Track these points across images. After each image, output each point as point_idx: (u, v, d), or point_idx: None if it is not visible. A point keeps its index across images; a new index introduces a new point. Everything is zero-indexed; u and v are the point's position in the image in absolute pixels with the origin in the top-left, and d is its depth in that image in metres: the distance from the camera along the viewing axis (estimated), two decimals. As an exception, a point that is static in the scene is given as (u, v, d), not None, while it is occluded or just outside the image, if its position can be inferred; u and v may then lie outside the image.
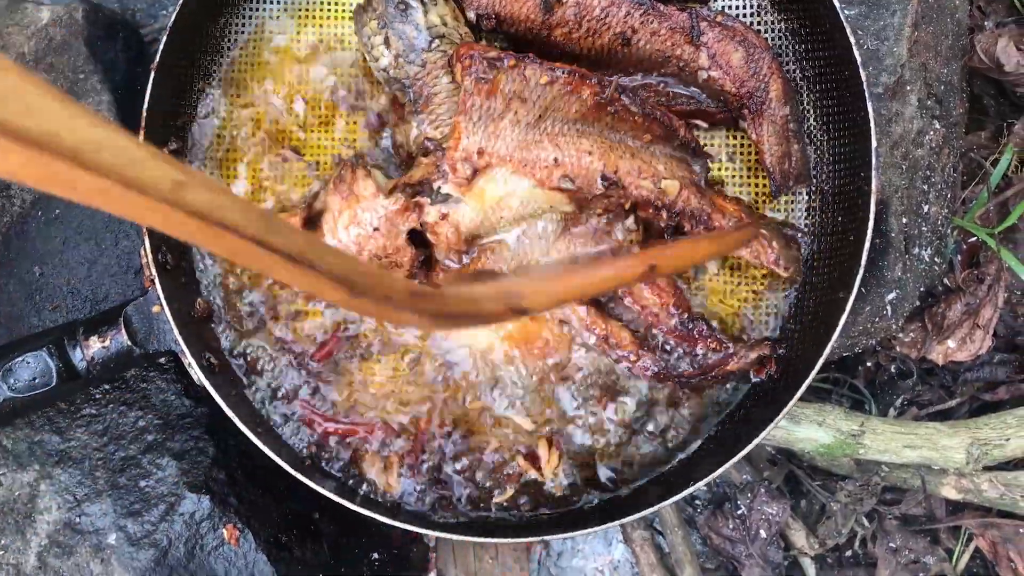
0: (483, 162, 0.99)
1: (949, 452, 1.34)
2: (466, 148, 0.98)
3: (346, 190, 1.02)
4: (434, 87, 1.02)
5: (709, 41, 1.07)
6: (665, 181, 1.03)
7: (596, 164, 1.01)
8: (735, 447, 1.03)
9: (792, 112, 1.09)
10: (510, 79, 0.98)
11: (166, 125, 1.11)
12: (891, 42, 1.19)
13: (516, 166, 1.00)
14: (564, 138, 1.00)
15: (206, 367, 1.05)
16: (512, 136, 0.99)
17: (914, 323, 1.47)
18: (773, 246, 1.07)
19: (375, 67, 1.07)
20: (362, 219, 1.01)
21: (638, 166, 1.03)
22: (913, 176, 1.26)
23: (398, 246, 1.01)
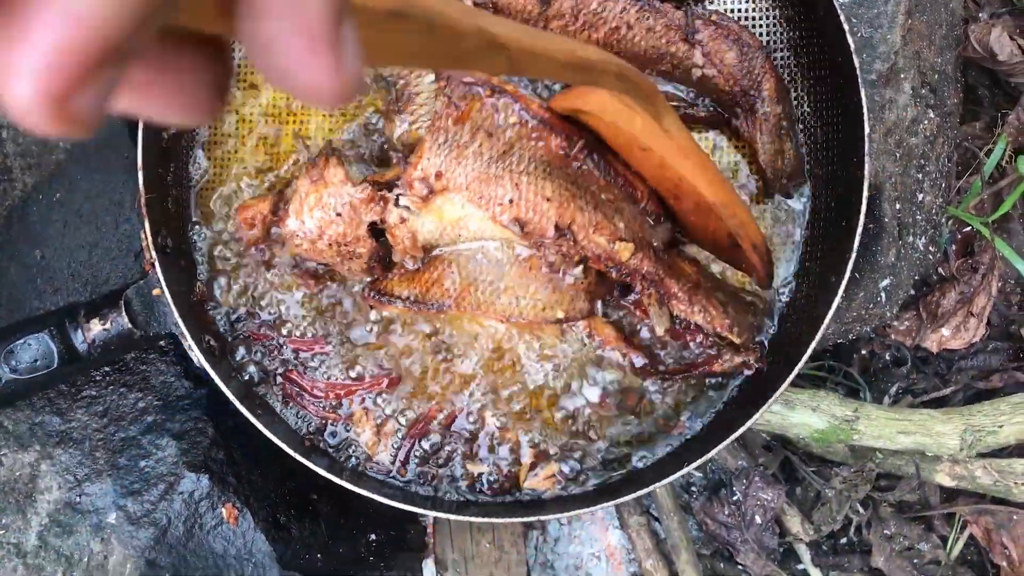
0: (440, 185, 1.00)
1: (943, 438, 1.35)
2: (425, 169, 0.99)
3: (316, 175, 1.03)
4: (416, 87, 1.03)
5: (703, 39, 1.08)
6: (620, 243, 1.01)
7: (551, 212, 1.00)
8: (728, 430, 1.04)
9: (785, 111, 1.10)
10: (481, 110, 0.99)
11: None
12: (884, 30, 1.20)
13: (471, 197, 1.00)
14: (526, 178, 1.00)
15: (206, 349, 1.07)
16: (473, 167, 0.99)
17: (909, 311, 1.48)
18: (728, 311, 1.05)
19: None
20: (327, 203, 1.02)
21: (596, 220, 1.01)
22: (907, 165, 1.27)
23: (358, 235, 1.03)
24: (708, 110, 1.13)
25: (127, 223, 1.13)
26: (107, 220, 1.13)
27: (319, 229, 1.03)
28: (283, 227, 1.04)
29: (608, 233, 1.01)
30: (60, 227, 1.11)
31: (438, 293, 1.06)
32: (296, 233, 1.03)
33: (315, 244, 1.04)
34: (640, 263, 1.02)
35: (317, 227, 1.03)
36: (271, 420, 1.07)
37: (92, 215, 1.12)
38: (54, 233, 1.11)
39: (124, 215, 1.13)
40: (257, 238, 1.10)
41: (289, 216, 1.04)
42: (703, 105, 1.13)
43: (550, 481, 1.08)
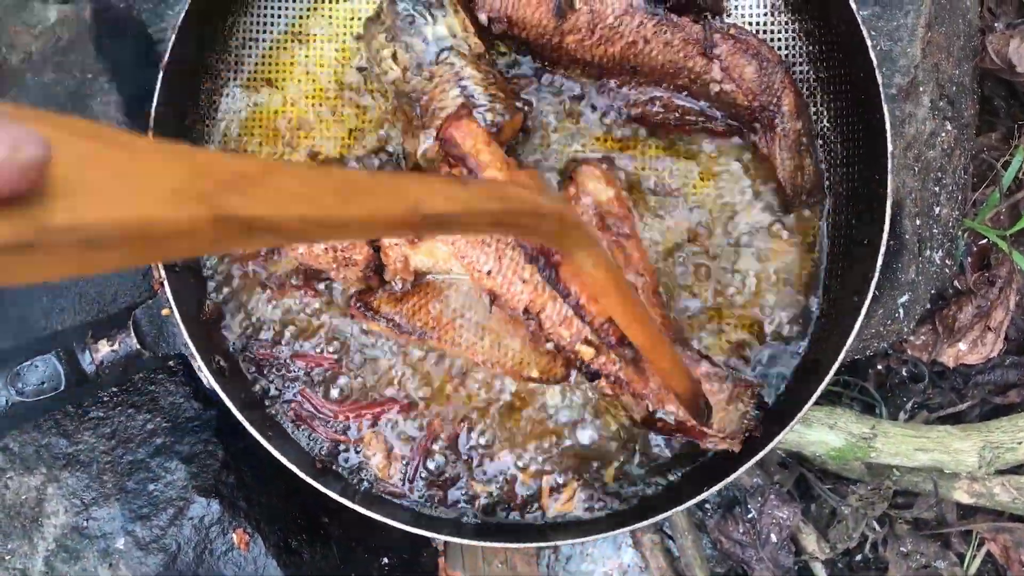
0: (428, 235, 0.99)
1: (961, 456, 1.33)
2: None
3: None
4: (441, 101, 1.01)
5: (722, 53, 1.06)
6: (582, 345, 0.99)
7: (524, 295, 0.99)
8: (747, 454, 1.02)
9: (804, 126, 1.08)
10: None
11: (175, 125, 1.10)
12: (904, 43, 1.18)
13: (455, 252, 1.00)
14: (510, 252, 0.99)
15: (216, 370, 1.05)
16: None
17: (925, 325, 1.46)
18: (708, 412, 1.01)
19: (384, 80, 1.06)
20: None
21: (566, 316, 0.99)
22: (925, 178, 1.25)
23: (355, 242, 1.01)
24: (726, 125, 1.11)
25: (135, 241, 1.11)
26: (115, 238, 1.11)
27: None
28: None
29: (574, 331, 0.99)
30: (67, 245, 1.09)
31: (422, 320, 1.04)
32: None
33: (311, 249, 1.03)
34: (603, 366, 1.00)
35: None
36: (282, 442, 1.05)
37: (99, 233, 1.10)
38: (61, 251, 1.09)
39: (132, 233, 1.11)
40: (255, 254, 1.08)
41: None
42: (721, 120, 1.11)
43: (569, 505, 1.06)
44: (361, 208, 0.47)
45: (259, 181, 0.42)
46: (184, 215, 0.37)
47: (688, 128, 1.11)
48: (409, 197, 0.50)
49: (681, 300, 1.10)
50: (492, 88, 1.02)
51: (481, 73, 1.02)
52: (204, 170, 0.39)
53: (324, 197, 0.45)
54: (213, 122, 1.13)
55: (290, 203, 0.43)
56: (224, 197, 0.39)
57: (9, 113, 0.33)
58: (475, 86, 1.01)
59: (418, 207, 0.50)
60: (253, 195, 0.41)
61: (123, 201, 0.35)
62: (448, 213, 0.54)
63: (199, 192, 0.38)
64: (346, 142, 1.13)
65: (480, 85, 1.01)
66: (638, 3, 1.06)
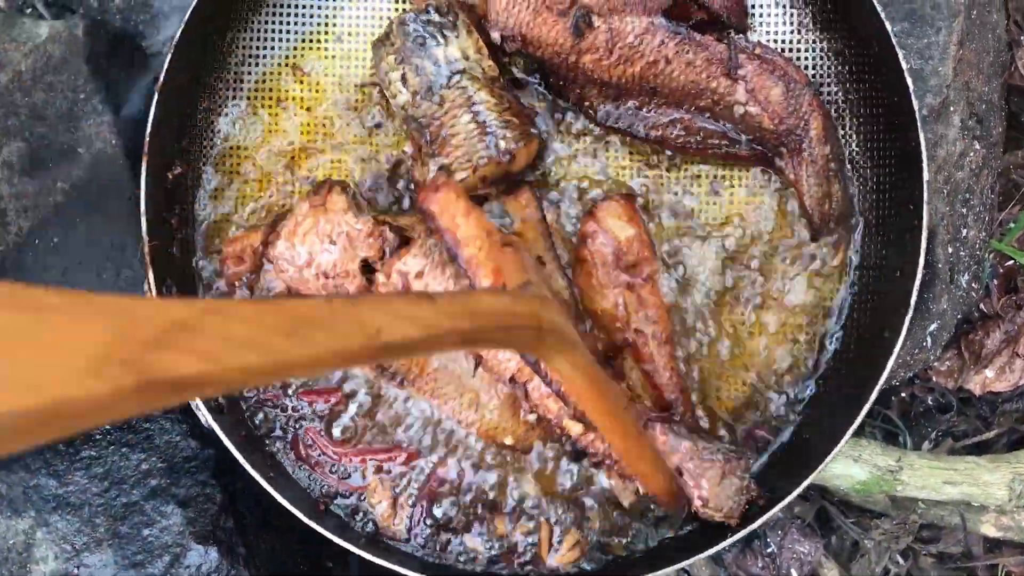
0: (417, 285, 0.94)
1: (991, 488, 1.29)
2: (408, 265, 0.93)
3: (318, 200, 0.97)
4: (452, 127, 0.96)
5: (747, 74, 1.01)
6: (569, 421, 0.94)
7: (511, 364, 0.94)
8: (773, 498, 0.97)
9: (833, 151, 1.03)
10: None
11: (171, 147, 1.05)
12: (936, 61, 1.13)
13: None
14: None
15: (214, 407, 0.99)
16: (453, 283, 0.93)
17: (950, 350, 1.41)
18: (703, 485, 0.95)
19: (393, 104, 1.01)
20: (323, 229, 0.95)
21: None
22: (953, 200, 1.20)
23: (348, 270, 0.96)
24: (750, 149, 1.06)
25: (129, 269, 1.06)
26: (108, 266, 1.05)
27: (310, 256, 0.96)
28: (270, 250, 0.97)
29: (563, 405, 0.94)
30: (58, 275, 1.04)
31: (404, 366, 0.99)
32: (283, 257, 0.96)
33: (301, 272, 0.97)
34: (591, 443, 0.95)
35: (308, 253, 0.96)
36: (284, 483, 1.00)
37: (92, 261, 1.05)
38: (52, 281, 1.04)
39: (126, 261, 1.06)
40: (245, 272, 1.02)
41: (280, 239, 0.97)
42: (745, 144, 1.06)
43: (573, 553, 1.00)
44: (314, 347, 0.43)
45: (196, 328, 0.38)
46: (105, 387, 0.33)
47: (710, 152, 1.06)
48: (369, 326, 0.47)
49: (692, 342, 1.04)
50: (506, 114, 0.97)
51: (495, 98, 0.97)
52: (130, 327, 0.35)
53: (272, 339, 0.41)
54: (211, 143, 1.08)
55: (232, 352, 0.39)
56: (153, 357, 0.35)
57: None
58: (488, 112, 0.96)
59: (379, 336, 0.47)
60: (188, 348, 0.37)
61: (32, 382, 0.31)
62: (412, 339, 0.50)
63: (123, 356, 0.34)
64: (350, 165, 1.07)
65: (493, 111, 0.96)
66: (659, 21, 1.01)
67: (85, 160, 1.05)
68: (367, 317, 0.47)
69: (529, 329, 0.63)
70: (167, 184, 1.03)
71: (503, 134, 0.95)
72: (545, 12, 1.00)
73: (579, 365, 0.71)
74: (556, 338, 0.67)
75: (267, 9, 1.10)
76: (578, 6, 0.99)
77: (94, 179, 1.05)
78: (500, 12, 1.01)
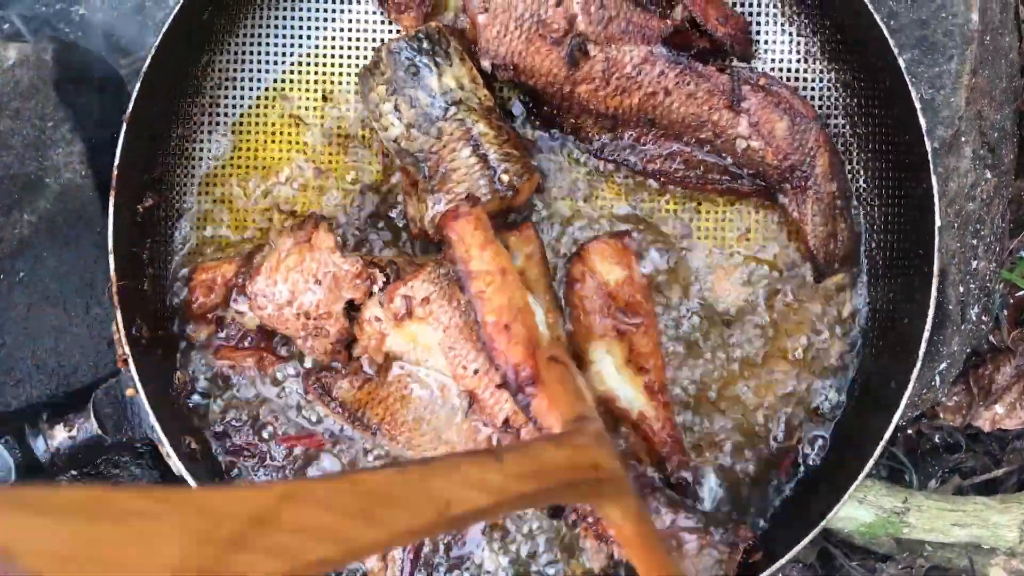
0: (421, 312, 0.90)
1: (1001, 530, 1.24)
2: (415, 289, 0.89)
3: (303, 236, 0.92)
4: (452, 161, 0.90)
5: (751, 107, 0.95)
6: None
7: (507, 406, 0.89)
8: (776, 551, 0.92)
9: (840, 188, 0.97)
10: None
11: (142, 178, 0.99)
12: (947, 91, 1.08)
13: (442, 343, 0.90)
14: None
15: (187, 454, 0.94)
16: (462, 314, 0.89)
17: (958, 385, 1.36)
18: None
19: (384, 137, 0.95)
20: (307, 267, 0.91)
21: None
22: (964, 232, 1.15)
23: (332, 311, 0.91)
24: (752, 185, 1.01)
25: (99, 306, 1.01)
26: (77, 303, 1.00)
27: (291, 294, 0.91)
28: (249, 285, 0.92)
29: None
30: (24, 311, 0.99)
31: (379, 416, 0.94)
32: (262, 293, 0.91)
33: (281, 311, 0.92)
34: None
35: (289, 292, 0.91)
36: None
37: (60, 297, 1.00)
38: (17, 318, 0.99)
39: (96, 297, 1.01)
40: (213, 306, 0.97)
41: (260, 275, 0.91)
42: (747, 179, 1.01)
43: None
44: (388, 528, 0.44)
45: (272, 522, 0.38)
46: None
47: (711, 187, 1.01)
48: (439, 500, 0.47)
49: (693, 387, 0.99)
50: (506, 146, 0.92)
51: (493, 130, 0.92)
52: (208, 527, 0.35)
53: (346, 526, 0.42)
54: (185, 172, 1.03)
55: (308, 547, 0.39)
56: (233, 562, 0.36)
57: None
58: (488, 144, 0.91)
59: (448, 509, 0.47)
60: (265, 547, 0.37)
61: None
62: (481, 509, 0.51)
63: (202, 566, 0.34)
64: (334, 196, 1.02)
65: (494, 143, 0.91)
66: (659, 50, 0.96)
67: (53, 191, 1.00)
68: (437, 490, 0.48)
69: (590, 482, 0.65)
70: (138, 217, 0.98)
71: (505, 167, 0.90)
72: (539, 40, 0.94)
73: (630, 514, 0.72)
74: (613, 487, 0.69)
75: (244, 31, 1.04)
76: (573, 34, 0.94)
77: (62, 211, 1.00)
78: (491, 40, 0.95)
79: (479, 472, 0.52)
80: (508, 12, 0.94)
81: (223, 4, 1.02)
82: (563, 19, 0.93)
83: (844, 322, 1.00)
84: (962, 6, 1.10)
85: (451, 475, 0.50)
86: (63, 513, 0.32)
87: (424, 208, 0.92)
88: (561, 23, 0.93)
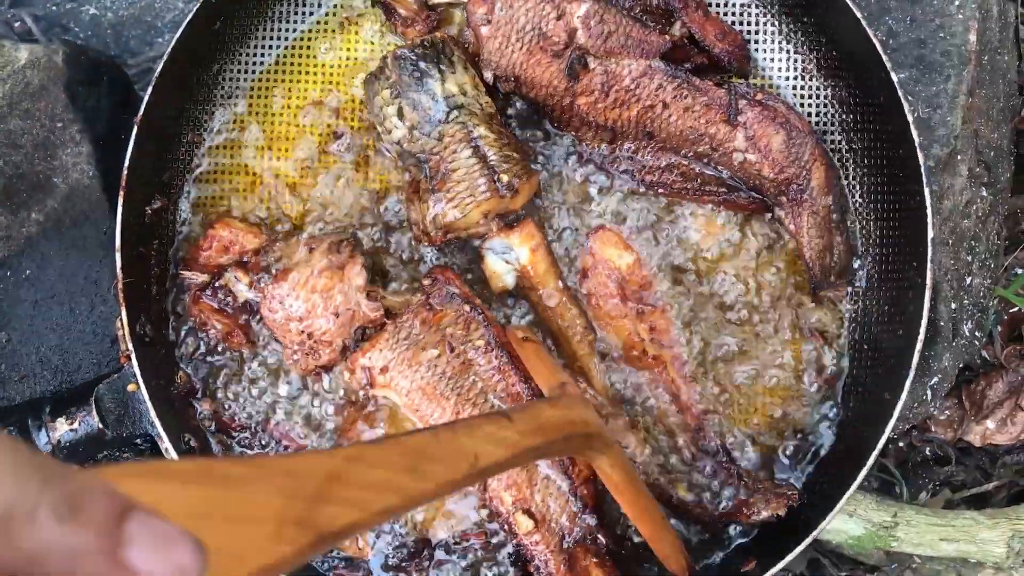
0: (382, 380, 0.93)
1: (989, 546, 1.25)
2: (372, 359, 0.93)
3: (338, 262, 0.94)
4: (452, 162, 0.92)
5: (748, 121, 0.97)
6: (522, 514, 0.91)
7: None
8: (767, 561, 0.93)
9: (836, 202, 0.99)
10: (456, 321, 0.93)
11: (151, 181, 1.01)
12: (944, 110, 1.09)
13: (408, 404, 0.94)
14: (469, 409, 0.92)
15: (186, 451, 0.96)
16: (423, 376, 0.93)
17: (950, 399, 1.37)
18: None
19: (387, 140, 0.97)
20: (332, 297, 0.93)
21: (515, 480, 0.92)
22: (958, 249, 1.17)
23: (335, 344, 0.95)
24: (749, 198, 1.02)
25: (104, 305, 1.02)
26: (82, 301, 1.02)
27: (307, 313, 0.93)
28: (272, 287, 0.94)
29: (518, 497, 0.92)
30: (29, 308, 1.01)
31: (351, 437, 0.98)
32: (280, 300, 0.93)
33: (288, 323, 0.94)
34: (535, 544, 0.92)
35: (306, 311, 0.93)
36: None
37: (65, 295, 1.01)
38: (23, 315, 1.00)
39: (101, 296, 1.02)
40: (218, 264, 0.98)
41: (286, 282, 0.93)
42: (744, 192, 1.02)
43: None
44: (432, 479, 0.51)
45: (343, 479, 0.45)
46: (291, 549, 0.40)
47: (708, 198, 1.03)
48: (468, 454, 0.55)
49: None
50: (506, 149, 0.94)
51: (494, 133, 0.94)
52: (295, 485, 0.42)
53: (402, 479, 0.49)
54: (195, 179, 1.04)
55: (377, 497, 0.47)
56: (320, 513, 0.42)
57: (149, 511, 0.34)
58: (488, 146, 0.92)
59: (477, 462, 0.55)
60: (342, 499, 0.44)
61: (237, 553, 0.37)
62: (501, 461, 0.59)
63: (296, 517, 0.41)
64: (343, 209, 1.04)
65: (494, 146, 0.93)
66: (657, 64, 0.97)
67: (61, 191, 1.02)
68: (465, 446, 0.56)
69: (582, 435, 0.74)
70: (145, 219, 1.00)
71: (505, 168, 0.92)
72: (539, 53, 0.96)
73: (616, 463, 0.81)
74: (600, 442, 0.78)
75: (255, 41, 1.06)
76: (573, 47, 0.96)
77: (70, 211, 1.02)
78: (493, 52, 0.97)
79: (496, 429, 0.60)
80: (510, 24, 0.96)
81: (233, 15, 1.04)
82: (563, 32, 0.95)
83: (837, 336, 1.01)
84: (960, 27, 1.12)
85: (474, 433, 0.58)
86: (183, 481, 0.37)
87: (426, 208, 0.94)
88: (561, 36, 0.95)
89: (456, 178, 0.92)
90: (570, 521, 0.91)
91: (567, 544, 0.91)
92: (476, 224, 0.95)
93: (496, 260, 0.97)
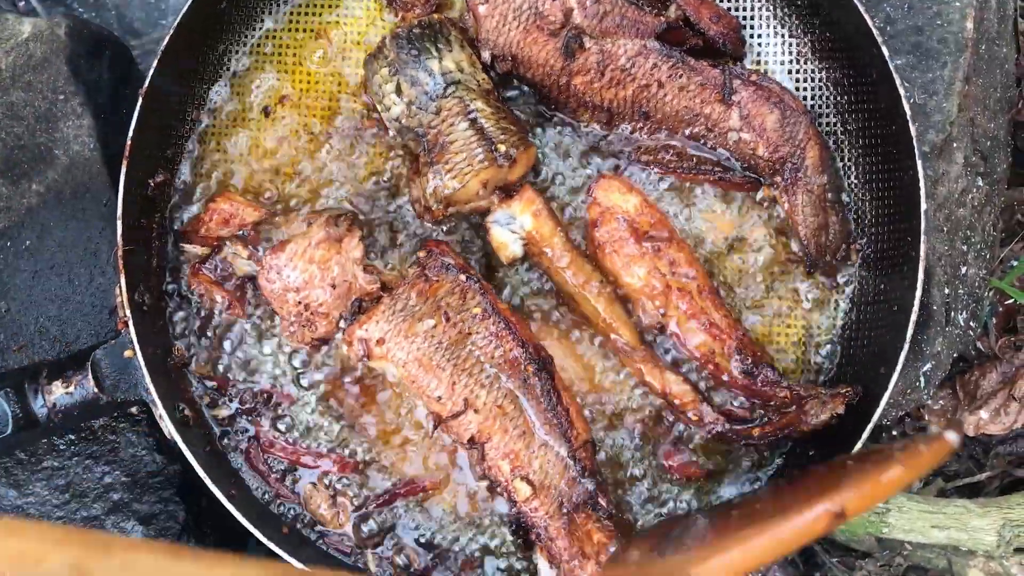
0: (378, 352, 0.94)
1: (979, 534, 1.25)
2: (369, 331, 0.94)
3: (336, 234, 0.95)
4: (450, 135, 0.93)
5: (742, 100, 0.98)
6: (520, 481, 0.92)
7: (473, 425, 0.94)
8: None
9: (830, 181, 1.00)
10: (451, 292, 0.94)
11: (154, 155, 1.02)
12: (940, 96, 1.10)
13: (405, 375, 0.95)
14: (464, 379, 0.94)
15: (180, 419, 0.97)
16: (419, 347, 0.94)
17: (944, 389, 1.38)
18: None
19: (387, 117, 0.98)
20: (329, 268, 0.95)
21: (512, 448, 0.93)
22: (954, 238, 1.17)
23: (331, 315, 0.96)
24: (744, 178, 1.03)
25: (103, 276, 1.03)
26: (81, 272, 1.03)
27: (304, 284, 0.95)
28: (270, 257, 0.95)
29: (516, 464, 0.93)
30: (29, 278, 1.02)
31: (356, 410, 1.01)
32: (278, 271, 0.95)
33: (285, 293, 0.95)
34: (534, 511, 0.93)
35: (303, 281, 0.95)
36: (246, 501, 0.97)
37: (65, 266, 1.02)
38: (22, 284, 1.01)
39: (100, 268, 1.03)
40: (218, 237, 1.00)
41: (284, 252, 0.95)
42: (739, 171, 1.03)
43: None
44: None
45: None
46: None
47: (703, 177, 1.03)
48: None
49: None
50: (503, 122, 0.95)
51: (491, 107, 0.95)
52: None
53: None
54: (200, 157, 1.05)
55: None
56: None
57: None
58: (485, 119, 0.94)
59: None
60: None
61: None
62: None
63: None
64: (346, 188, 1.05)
65: (491, 119, 0.94)
66: (653, 44, 0.98)
67: (62, 163, 1.03)
68: None
69: None
70: (148, 191, 1.01)
71: (503, 139, 0.93)
72: (536, 32, 0.97)
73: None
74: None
75: (260, 24, 1.07)
76: (570, 27, 0.97)
77: (70, 182, 1.03)
78: (491, 31, 0.98)
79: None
80: (507, 4, 0.97)
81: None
82: (560, 12, 0.96)
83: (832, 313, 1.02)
84: (957, 15, 1.12)
85: None
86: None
87: (425, 182, 0.95)
88: (558, 16, 0.96)
89: (454, 149, 0.93)
90: (568, 486, 0.92)
91: (566, 509, 0.92)
92: (475, 195, 0.96)
93: (501, 231, 0.98)
